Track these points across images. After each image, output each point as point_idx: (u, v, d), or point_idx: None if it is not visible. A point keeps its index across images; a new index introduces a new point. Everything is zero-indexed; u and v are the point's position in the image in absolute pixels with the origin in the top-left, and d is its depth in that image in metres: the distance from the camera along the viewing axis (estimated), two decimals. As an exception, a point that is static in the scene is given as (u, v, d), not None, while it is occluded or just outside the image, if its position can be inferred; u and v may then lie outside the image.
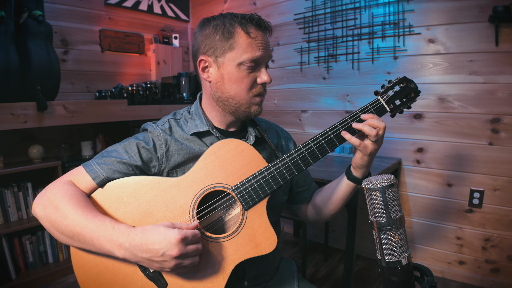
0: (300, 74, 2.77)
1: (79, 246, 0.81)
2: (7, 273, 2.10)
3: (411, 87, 0.97)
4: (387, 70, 2.26)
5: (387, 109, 0.95)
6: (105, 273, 0.85)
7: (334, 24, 2.49)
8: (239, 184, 0.88)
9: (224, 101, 0.94)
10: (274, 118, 2.99)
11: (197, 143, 0.98)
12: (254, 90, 0.94)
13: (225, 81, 0.92)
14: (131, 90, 2.86)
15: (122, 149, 0.93)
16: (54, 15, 2.58)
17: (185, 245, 0.74)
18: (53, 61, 2.17)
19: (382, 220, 0.64)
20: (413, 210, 2.28)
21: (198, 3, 3.58)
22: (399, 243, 0.63)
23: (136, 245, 0.75)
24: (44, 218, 0.83)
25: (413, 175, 2.25)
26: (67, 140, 2.71)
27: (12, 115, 2.02)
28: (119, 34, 3.08)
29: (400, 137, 2.27)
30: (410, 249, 2.21)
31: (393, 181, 0.64)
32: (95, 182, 0.88)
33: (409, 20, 2.13)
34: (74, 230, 0.79)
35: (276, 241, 0.87)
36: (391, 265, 0.64)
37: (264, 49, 0.91)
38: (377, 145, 0.89)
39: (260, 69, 0.93)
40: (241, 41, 0.88)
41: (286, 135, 1.18)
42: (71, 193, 0.84)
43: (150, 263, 0.75)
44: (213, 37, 0.90)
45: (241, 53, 0.89)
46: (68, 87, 2.78)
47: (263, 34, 0.91)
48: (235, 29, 0.89)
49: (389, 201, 0.63)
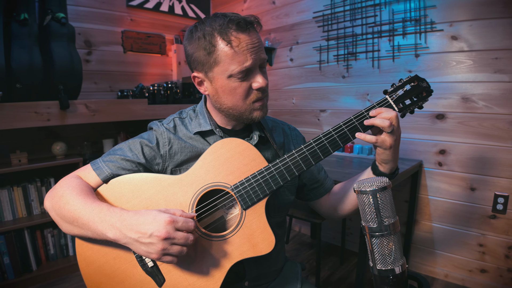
0: (319, 73, 2.72)
1: (79, 232, 0.84)
2: (28, 264, 2.20)
3: (423, 86, 0.93)
4: (408, 69, 2.17)
5: (395, 109, 0.90)
6: (106, 266, 0.88)
7: (354, 22, 2.43)
8: (238, 183, 0.88)
9: (225, 111, 0.94)
10: (293, 118, 2.96)
11: (200, 142, 0.99)
12: (251, 97, 0.90)
13: (220, 94, 0.90)
14: (152, 90, 2.91)
15: (127, 147, 0.96)
16: (78, 17, 2.67)
17: (174, 229, 0.74)
18: (75, 61, 2.24)
19: (374, 225, 0.60)
20: (434, 214, 2.19)
21: (219, 3, 3.61)
22: (392, 251, 0.60)
23: (127, 225, 0.76)
24: (51, 209, 0.88)
25: (434, 178, 2.16)
26: (89, 138, 2.79)
27: (36, 113, 2.11)
28: (141, 35, 3.15)
29: (421, 138, 2.18)
30: (430, 255, 2.12)
31: (386, 184, 0.60)
32: (100, 178, 0.92)
33: (431, 16, 2.04)
34: (74, 215, 0.82)
35: (273, 242, 0.86)
36: (383, 274, 0.60)
37: (252, 53, 0.84)
38: (394, 135, 0.85)
39: (253, 74, 0.88)
40: (224, 53, 0.83)
41: (295, 132, 1.15)
42: (75, 184, 0.88)
43: (138, 246, 0.75)
44: (198, 53, 0.87)
45: (227, 65, 0.84)
46: (92, 87, 2.87)
47: (247, 36, 0.84)
48: (216, 40, 0.83)
49: (380, 205, 0.60)
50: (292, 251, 2.71)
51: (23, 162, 2.18)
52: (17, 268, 2.13)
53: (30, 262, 2.20)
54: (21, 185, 2.23)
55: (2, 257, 2.06)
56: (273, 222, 1.04)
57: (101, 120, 2.44)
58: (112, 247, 0.88)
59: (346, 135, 0.88)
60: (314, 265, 2.39)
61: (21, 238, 2.17)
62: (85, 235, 0.84)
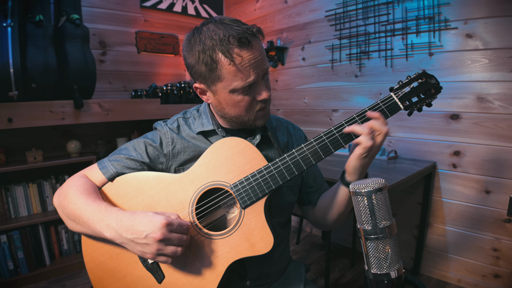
0: (331, 72, 2.69)
1: (81, 230, 0.87)
2: (42, 259, 2.27)
3: (431, 83, 0.91)
4: (422, 67, 2.12)
5: (400, 107, 0.88)
6: (109, 261, 0.91)
7: (366, 20, 2.39)
8: (238, 182, 0.87)
9: (228, 119, 0.95)
10: (305, 118, 2.94)
11: (203, 141, 0.99)
12: (254, 107, 0.90)
13: (223, 105, 0.91)
14: (165, 90, 2.95)
15: (132, 146, 0.99)
16: (92, 18, 2.73)
17: (169, 231, 0.75)
18: (89, 62, 2.29)
19: (368, 228, 0.58)
20: (448, 217, 2.13)
21: (231, 3, 3.62)
22: (389, 255, 0.58)
23: (123, 226, 0.77)
24: (58, 206, 0.91)
25: (448, 180, 2.09)
26: (103, 137, 2.85)
27: (51, 112, 2.17)
28: (155, 35, 3.19)
29: (435, 139, 2.12)
30: (443, 259, 2.06)
31: (382, 185, 0.58)
32: (105, 176, 0.95)
33: (445, 14, 1.98)
34: (76, 213, 0.85)
35: (272, 242, 0.85)
36: (378, 278, 0.58)
37: (254, 68, 0.83)
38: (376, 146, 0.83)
39: (257, 87, 0.87)
40: (226, 70, 0.82)
41: (299, 133, 1.15)
42: (80, 183, 0.91)
43: (133, 246, 0.77)
44: (199, 67, 0.85)
45: (231, 82, 0.84)
46: (106, 87, 2.93)
47: (250, 52, 0.82)
48: (218, 57, 0.81)
49: (376, 207, 0.58)
50: (302, 252, 2.69)
51: (38, 159, 2.25)
52: (31, 263, 2.19)
53: (44, 257, 2.26)
54: (36, 182, 2.29)
55: (17, 251, 2.13)
56: (275, 222, 1.03)
57: (115, 119, 2.48)
58: (115, 244, 0.89)
59: (347, 134, 0.86)
60: (324, 267, 2.36)
61: (35, 234, 2.24)
62: (87, 233, 0.86)
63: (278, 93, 3.20)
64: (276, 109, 3.24)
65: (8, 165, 2.16)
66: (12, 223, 2.11)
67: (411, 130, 2.22)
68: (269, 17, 3.20)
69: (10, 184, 2.21)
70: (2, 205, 2.16)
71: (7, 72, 1.85)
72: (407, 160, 2.19)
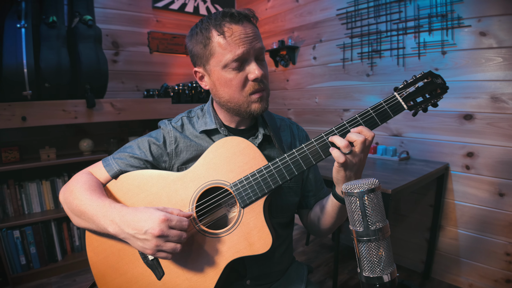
0: (342, 71, 2.66)
1: (86, 225, 0.89)
2: (54, 255, 2.33)
3: (437, 83, 0.88)
4: (435, 66, 2.07)
5: (404, 107, 0.86)
6: (111, 257, 0.93)
7: (378, 18, 2.35)
8: (237, 181, 0.87)
9: (224, 104, 0.94)
10: (315, 117, 2.92)
11: (205, 140, 1.00)
12: (247, 88, 0.89)
13: (217, 87, 0.91)
14: (177, 90, 2.98)
15: (136, 145, 1.00)
16: (106, 19, 2.78)
17: (167, 227, 0.76)
18: (101, 62, 2.34)
19: (360, 229, 0.57)
20: (460, 220, 2.07)
21: (243, 3, 3.62)
22: (383, 258, 0.56)
23: (125, 221, 0.79)
24: (64, 202, 0.94)
25: (461, 182, 2.04)
26: (116, 135, 2.90)
27: (64, 111, 2.22)
28: (167, 35, 3.23)
29: (448, 140, 2.07)
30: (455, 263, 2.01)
31: (374, 185, 0.57)
32: (109, 174, 0.97)
33: (458, 11, 1.92)
34: (81, 208, 0.87)
35: (270, 242, 0.84)
36: (370, 281, 0.57)
37: (245, 43, 0.85)
38: (354, 158, 0.79)
39: (248, 65, 0.88)
40: (217, 44, 0.85)
41: (302, 133, 1.14)
42: (85, 180, 0.93)
43: (135, 241, 0.78)
44: (196, 48, 0.90)
45: (221, 55, 0.86)
46: (119, 86, 2.98)
47: (240, 27, 0.85)
48: (211, 33, 0.86)
49: (367, 208, 0.56)
50: (311, 253, 2.67)
51: (51, 157, 2.30)
52: (43, 258, 2.25)
53: (56, 252, 2.32)
54: (50, 179, 2.35)
55: (29, 247, 2.18)
56: (276, 223, 1.03)
57: (126, 118, 2.52)
58: (117, 240, 0.91)
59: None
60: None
61: (48, 230, 2.29)
62: (91, 228, 0.88)
63: (289, 92, 3.19)
64: (287, 108, 3.23)
65: (22, 162, 2.22)
66: (26, 219, 2.17)
67: (424, 130, 2.17)
68: (280, 16, 3.19)
69: (24, 181, 2.27)
70: (16, 202, 2.22)
71: (21, 72, 1.90)
72: (419, 161, 2.14)
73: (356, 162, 0.80)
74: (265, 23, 3.37)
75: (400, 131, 2.30)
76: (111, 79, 2.77)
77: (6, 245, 2.10)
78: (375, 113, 0.85)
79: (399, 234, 2.40)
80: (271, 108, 3.43)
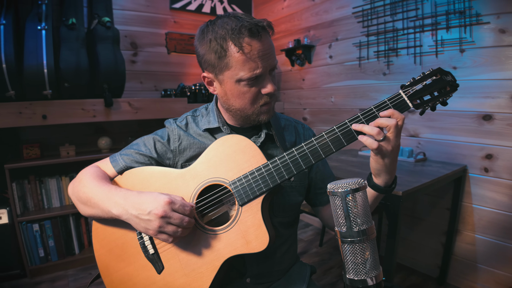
0: (359, 70, 2.62)
1: (92, 212, 0.92)
2: (71, 248, 2.41)
3: (447, 80, 0.85)
4: (453, 65, 2.00)
5: (409, 105, 0.84)
6: (115, 250, 0.97)
7: (394, 16, 2.30)
8: (236, 179, 0.88)
9: (233, 111, 0.95)
10: (331, 117, 2.89)
11: (208, 138, 1.02)
12: (259, 101, 0.90)
13: (228, 96, 0.91)
14: (194, 89, 3.02)
15: (142, 142, 1.05)
16: (124, 21, 2.85)
17: (170, 209, 0.79)
18: (119, 62, 2.40)
19: (343, 230, 0.56)
20: (478, 225, 1.99)
21: (260, 3, 3.63)
22: (368, 260, 0.55)
23: (129, 202, 0.83)
24: (72, 193, 0.98)
25: (479, 185, 1.96)
26: (134, 134, 2.97)
27: (83, 110, 2.29)
28: (184, 36, 3.27)
29: (466, 141, 1.99)
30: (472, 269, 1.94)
31: (358, 185, 0.55)
32: (115, 169, 1.01)
33: (476, 8, 1.85)
34: (88, 195, 0.91)
35: (267, 241, 0.84)
36: (354, 284, 0.55)
37: (262, 61, 0.84)
38: (389, 144, 0.79)
39: (263, 80, 0.88)
40: (235, 59, 0.83)
41: (308, 132, 1.14)
42: (93, 171, 0.98)
43: (138, 222, 0.81)
44: (209, 55, 0.87)
45: (238, 71, 0.84)
46: (138, 86, 3.05)
47: (259, 43, 0.83)
48: (228, 45, 0.83)
49: (350, 208, 0.55)
50: (325, 254, 2.64)
51: (71, 154, 2.39)
52: (60, 251, 2.34)
53: (74, 246, 2.40)
54: (69, 175, 2.44)
55: (48, 240, 2.27)
56: (278, 222, 1.03)
57: (143, 117, 2.58)
58: (122, 233, 0.95)
59: (350, 133, 0.83)
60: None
61: (66, 224, 2.38)
62: (96, 214, 0.91)
63: (305, 92, 3.16)
64: (302, 108, 3.21)
65: (43, 159, 2.32)
66: (45, 213, 2.26)
67: (441, 131, 2.10)
68: (297, 15, 3.18)
69: (44, 177, 2.37)
70: (36, 196, 2.32)
71: (41, 73, 1.98)
72: (436, 163, 2.07)
73: (392, 148, 0.79)
74: (281, 22, 3.36)
75: (417, 132, 2.24)
76: (130, 79, 2.84)
77: (25, 238, 2.19)
78: (378, 112, 0.83)
79: (415, 237, 2.34)
80: (287, 108, 3.43)
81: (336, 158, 2.28)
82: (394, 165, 0.84)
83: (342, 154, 2.44)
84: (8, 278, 2.20)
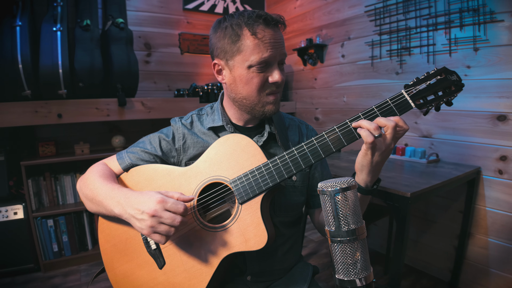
0: (371, 69, 2.59)
1: (97, 209, 0.95)
2: (85, 244, 2.47)
3: (451, 80, 0.84)
4: (467, 64, 1.95)
5: (411, 105, 0.83)
6: (120, 245, 1.00)
7: (407, 14, 2.26)
8: (236, 178, 0.90)
9: (239, 101, 0.96)
10: (343, 117, 2.86)
11: (212, 137, 1.04)
12: (266, 89, 0.92)
13: (237, 83, 0.93)
14: (206, 89, 3.05)
15: (147, 140, 1.07)
16: (138, 22, 2.91)
17: (162, 209, 0.79)
18: (132, 63, 2.45)
19: (332, 229, 0.56)
20: (491, 228, 1.94)
21: (272, 2, 3.63)
22: (358, 261, 0.54)
23: (128, 202, 0.84)
24: (79, 190, 1.01)
25: (493, 187, 1.91)
26: (147, 133, 2.99)
27: (97, 109, 2.35)
28: (197, 37, 3.31)
29: (480, 142, 1.94)
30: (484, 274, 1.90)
31: (348, 184, 0.55)
32: (121, 167, 1.04)
33: (490, 5, 1.80)
34: (93, 193, 0.93)
35: (265, 240, 0.85)
36: (343, 285, 0.55)
37: (273, 48, 0.87)
38: (383, 143, 0.79)
39: (271, 68, 0.90)
40: (247, 43, 0.87)
41: (312, 132, 1.14)
42: (100, 169, 1.01)
43: (134, 221, 0.82)
44: (223, 41, 0.91)
45: (249, 55, 0.87)
46: (151, 86, 3.10)
47: (272, 31, 0.88)
48: (242, 31, 0.87)
49: (340, 207, 0.55)
50: (334, 255, 2.62)
51: (85, 152, 2.45)
52: (74, 246, 2.40)
53: (87, 241, 2.46)
54: (83, 173, 2.48)
55: (62, 235, 2.34)
56: (279, 221, 1.03)
57: (156, 116, 2.62)
58: (126, 229, 0.98)
59: (351, 133, 0.83)
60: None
61: (80, 220, 2.44)
62: (101, 212, 0.94)
63: (317, 91, 3.15)
64: (314, 108, 3.19)
65: (58, 156, 2.39)
66: (60, 209, 2.33)
67: (455, 131, 2.06)
68: (309, 14, 3.16)
69: (59, 174, 2.44)
70: (51, 193, 2.39)
71: (56, 73, 2.04)
72: (449, 164, 2.03)
73: (385, 148, 0.80)
74: (293, 21, 3.35)
75: (430, 132, 2.19)
76: (144, 79, 2.89)
77: (40, 233, 2.26)
78: (379, 111, 0.83)
79: (426, 240, 2.29)
80: (299, 107, 3.41)
81: (346, 159, 2.26)
82: (379, 166, 0.84)
83: (354, 154, 2.42)
84: (22, 272, 2.27)
